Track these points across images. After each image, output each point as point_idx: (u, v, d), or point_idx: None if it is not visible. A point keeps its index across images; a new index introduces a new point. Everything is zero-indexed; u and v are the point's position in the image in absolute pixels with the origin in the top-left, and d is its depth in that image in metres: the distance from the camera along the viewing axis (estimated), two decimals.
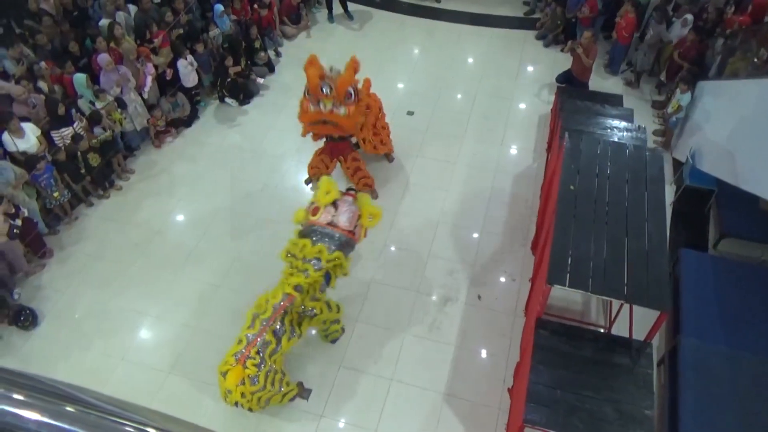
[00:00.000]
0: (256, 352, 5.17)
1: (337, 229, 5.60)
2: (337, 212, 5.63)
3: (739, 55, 7.70)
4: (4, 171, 6.80)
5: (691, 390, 5.28)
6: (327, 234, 5.57)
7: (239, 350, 5.18)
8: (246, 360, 5.11)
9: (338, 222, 5.61)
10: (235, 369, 5.07)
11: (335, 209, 5.65)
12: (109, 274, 7.21)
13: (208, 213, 7.92)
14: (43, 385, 1.03)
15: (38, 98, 7.56)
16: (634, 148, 6.01)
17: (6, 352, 6.47)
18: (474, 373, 6.22)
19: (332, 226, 5.60)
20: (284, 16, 11.10)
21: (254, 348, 5.18)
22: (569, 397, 4.59)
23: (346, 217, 5.63)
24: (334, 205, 5.67)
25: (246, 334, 5.26)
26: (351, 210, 5.68)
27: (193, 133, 9.25)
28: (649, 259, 4.91)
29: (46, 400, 1.00)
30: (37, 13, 8.45)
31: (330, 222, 5.60)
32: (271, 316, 5.31)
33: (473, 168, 8.48)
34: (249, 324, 5.36)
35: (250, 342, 5.21)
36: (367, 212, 5.77)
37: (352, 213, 5.68)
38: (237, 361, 5.12)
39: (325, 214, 5.62)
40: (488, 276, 7.12)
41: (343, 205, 5.67)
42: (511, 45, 10.95)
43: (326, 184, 5.77)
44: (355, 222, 5.69)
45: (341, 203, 5.68)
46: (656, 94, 9.61)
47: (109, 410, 1.04)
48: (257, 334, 5.24)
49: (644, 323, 5.33)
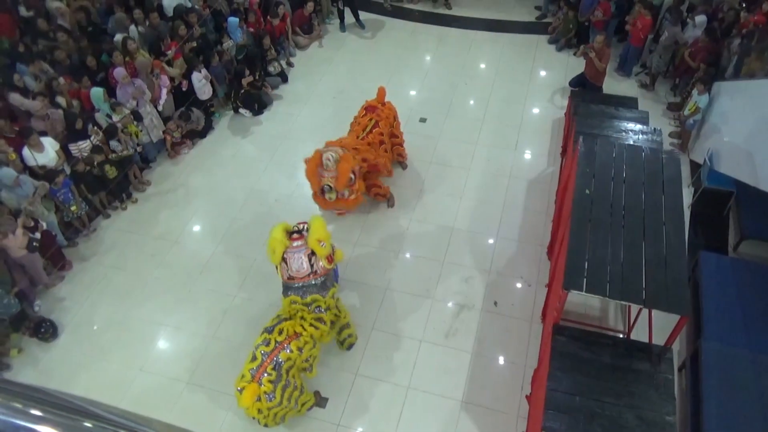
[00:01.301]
0: (273, 368, 5.17)
1: (298, 280, 5.58)
2: (288, 265, 5.56)
3: (755, 55, 7.59)
4: (25, 185, 6.93)
5: (714, 395, 5.19)
6: (301, 287, 5.60)
7: (254, 367, 5.18)
8: (261, 377, 5.12)
9: (293, 274, 5.56)
10: (250, 386, 5.07)
11: (286, 264, 5.58)
12: (128, 286, 7.29)
13: (223, 223, 7.98)
14: (60, 400, 1.04)
15: (56, 113, 7.70)
16: (650, 151, 5.94)
17: (27, 364, 6.56)
18: (491, 380, 6.17)
19: (293, 279, 5.59)
20: (296, 27, 11.20)
21: (270, 364, 5.18)
22: (589, 403, 4.53)
23: (296, 266, 5.53)
24: (284, 260, 5.57)
25: (261, 351, 5.27)
26: (297, 255, 5.52)
27: (208, 144, 9.34)
28: (668, 263, 4.84)
29: (62, 416, 1.01)
30: (48, 32, 8.60)
31: (289, 277, 5.59)
32: (282, 341, 5.35)
33: (487, 174, 8.45)
34: (261, 341, 5.36)
35: (264, 360, 5.21)
36: (315, 241, 5.47)
37: (300, 257, 5.52)
38: (252, 378, 5.13)
39: (282, 271, 5.62)
40: (504, 282, 7.07)
41: (289, 257, 5.53)
42: (524, 50, 10.93)
43: (270, 242, 5.57)
44: (308, 263, 5.53)
45: (287, 255, 5.53)
46: (672, 96, 9.51)
47: (125, 425, 1.05)
48: (270, 353, 5.25)
49: (664, 328, 5.26)
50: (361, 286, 7.03)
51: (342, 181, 6.81)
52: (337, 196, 6.95)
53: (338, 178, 6.78)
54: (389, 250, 7.46)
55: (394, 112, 8.01)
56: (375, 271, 7.20)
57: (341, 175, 6.76)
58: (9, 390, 1.03)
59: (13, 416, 0.97)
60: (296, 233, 5.60)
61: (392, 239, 7.60)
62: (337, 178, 6.78)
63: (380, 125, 7.66)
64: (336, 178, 6.78)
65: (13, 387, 1.04)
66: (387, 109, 7.88)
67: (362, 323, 6.64)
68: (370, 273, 7.18)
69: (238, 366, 5.44)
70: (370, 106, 7.86)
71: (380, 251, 7.46)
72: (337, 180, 6.79)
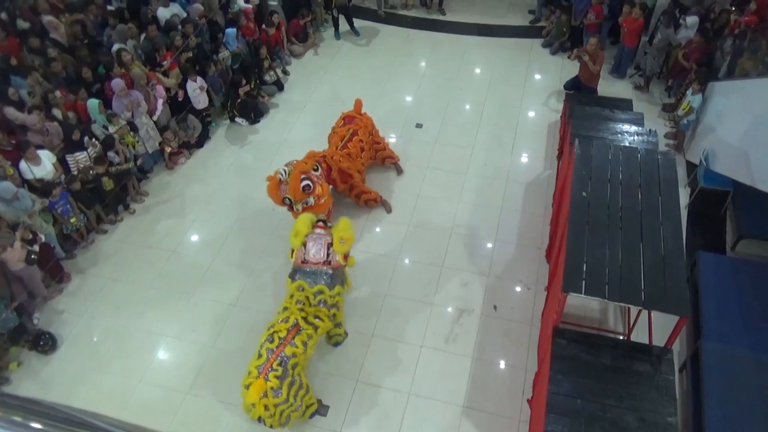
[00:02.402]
0: (279, 364, 5.24)
1: (311, 265, 5.69)
2: (306, 249, 5.71)
3: (747, 55, 7.64)
4: (23, 199, 6.92)
5: (716, 395, 5.18)
6: (311, 272, 5.68)
7: (261, 363, 5.23)
8: (268, 373, 5.17)
9: (309, 258, 5.69)
10: (257, 382, 5.12)
11: (304, 247, 5.73)
12: (127, 297, 7.27)
13: (221, 232, 7.98)
14: (60, 413, 1.04)
15: (53, 126, 7.70)
16: (646, 152, 5.97)
17: (26, 377, 6.53)
18: (492, 385, 6.16)
19: (306, 263, 5.70)
20: (292, 36, 11.24)
21: (276, 360, 5.24)
22: (590, 406, 4.53)
23: (315, 250, 5.69)
24: (304, 244, 5.74)
25: (266, 348, 5.31)
26: (318, 241, 5.72)
27: (205, 153, 9.36)
28: (666, 264, 4.85)
29: (63, 428, 1.01)
30: (39, 49, 8.63)
31: (303, 260, 5.70)
32: (286, 336, 5.41)
33: (484, 178, 8.47)
34: (266, 338, 5.41)
35: (270, 356, 5.25)
36: (338, 237, 5.71)
37: (320, 244, 5.71)
38: (259, 374, 5.17)
39: (299, 254, 5.74)
40: (503, 286, 7.07)
41: (309, 241, 5.73)
42: (518, 54, 10.97)
43: (296, 224, 5.81)
44: (325, 251, 5.69)
45: (308, 239, 5.73)
46: (666, 97, 9.56)
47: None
48: (276, 350, 5.29)
49: (664, 329, 5.26)
50: (360, 292, 7.03)
51: (293, 186, 6.74)
52: (302, 205, 6.90)
53: (289, 185, 6.76)
54: (388, 255, 7.46)
55: (371, 121, 8.20)
56: (374, 278, 7.19)
57: (292, 180, 6.74)
58: (9, 404, 1.04)
59: (13, 430, 0.97)
60: (322, 222, 5.88)
61: (390, 245, 7.61)
62: (288, 185, 6.77)
63: (360, 133, 7.78)
64: (288, 187, 6.78)
65: (13, 400, 1.05)
66: (365, 119, 8.06)
67: (362, 330, 6.63)
68: (369, 279, 7.18)
69: (239, 375, 5.43)
70: (348, 116, 8.03)
71: (378, 257, 7.46)
72: (288, 188, 6.79)
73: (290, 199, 6.86)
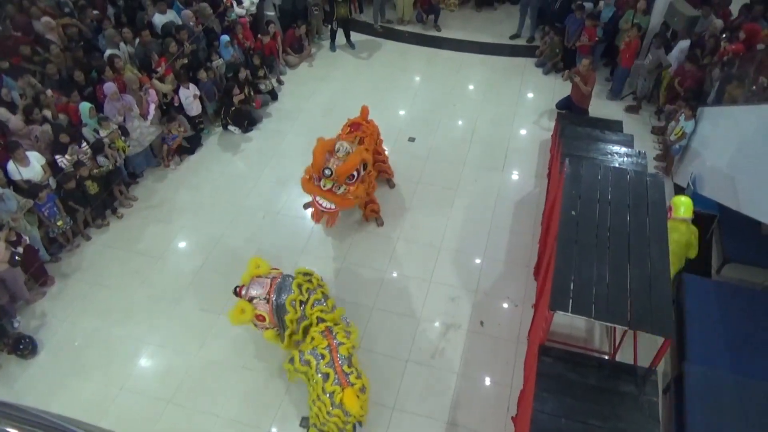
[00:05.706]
0: (347, 366, 5.27)
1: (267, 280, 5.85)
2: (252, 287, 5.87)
3: (736, 83, 7.76)
4: (8, 200, 6.84)
5: (699, 417, 5.19)
6: (278, 288, 5.80)
7: (333, 380, 5.19)
8: (347, 379, 5.18)
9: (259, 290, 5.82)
10: (347, 392, 5.09)
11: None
12: (110, 302, 7.18)
13: (209, 240, 7.92)
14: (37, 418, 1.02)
15: (39, 130, 7.62)
16: (635, 174, 6.02)
17: (4, 382, 6.41)
18: (477, 401, 6.13)
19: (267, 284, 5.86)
20: (287, 46, 11.28)
21: (343, 365, 5.26)
22: (574, 425, 4.51)
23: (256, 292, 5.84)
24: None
25: (325, 365, 5.28)
26: (260, 282, 5.89)
27: (197, 160, 9.32)
28: (652, 285, 4.87)
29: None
30: (29, 56, 8.60)
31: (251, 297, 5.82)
32: (330, 343, 5.43)
33: (474, 194, 8.50)
34: (316, 362, 5.36)
35: (333, 369, 5.24)
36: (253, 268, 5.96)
37: (259, 285, 5.87)
38: (341, 386, 5.14)
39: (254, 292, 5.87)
40: (491, 302, 7.07)
41: (253, 284, 5.89)
42: (511, 72, 11.09)
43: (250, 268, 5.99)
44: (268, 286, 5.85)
45: (251, 283, 5.90)
46: (656, 120, 9.68)
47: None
48: (333, 360, 5.29)
49: (649, 349, 5.28)
50: (347, 304, 6.96)
51: (346, 168, 6.63)
52: (332, 187, 6.77)
53: (345, 163, 6.65)
54: (376, 269, 7.45)
55: (377, 129, 8.00)
56: (361, 290, 7.17)
57: (349, 162, 6.65)
58: None
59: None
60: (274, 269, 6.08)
61: (379, 258, 7.59)
62: (344, 162, 6.66)
63: (365, 141, 7.62)
64: (343, 164, 6.66)
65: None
66: (371, 126, 7.84)
67: None
68: (356, 292, 7.15)
69: (221, 385, 5.37)
70: (355, 123, 7.77)
71: (367, 270, 7.44)
72: (342, 165, 6.65)
73: (331, 171, 6.67)
